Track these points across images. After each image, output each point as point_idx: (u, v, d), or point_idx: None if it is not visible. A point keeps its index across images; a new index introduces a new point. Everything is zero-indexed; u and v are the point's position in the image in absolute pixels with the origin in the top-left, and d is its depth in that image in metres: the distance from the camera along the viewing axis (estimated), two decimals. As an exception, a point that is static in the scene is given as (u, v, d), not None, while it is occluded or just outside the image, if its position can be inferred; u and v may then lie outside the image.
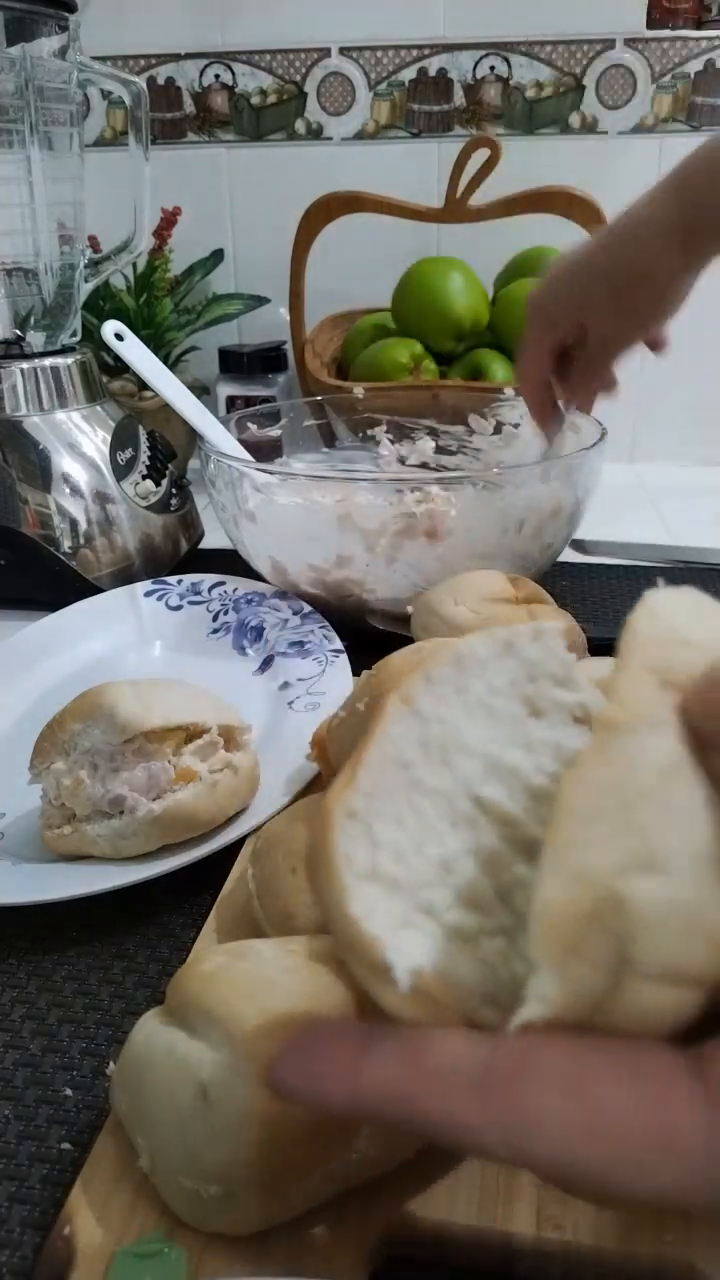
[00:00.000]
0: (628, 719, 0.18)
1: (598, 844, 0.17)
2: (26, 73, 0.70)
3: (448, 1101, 0.19)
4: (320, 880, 0.20)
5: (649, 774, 0.18)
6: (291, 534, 0.66)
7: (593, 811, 0.18)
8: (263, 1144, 0.28)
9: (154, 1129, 0.30)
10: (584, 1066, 0.18)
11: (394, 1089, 0.19)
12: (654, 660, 0.19)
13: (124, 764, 0.45)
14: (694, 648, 0.19)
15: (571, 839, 0.18)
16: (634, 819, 0.17)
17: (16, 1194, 0.32)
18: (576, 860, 0.17)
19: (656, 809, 0.18)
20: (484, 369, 0.95)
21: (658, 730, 0.18)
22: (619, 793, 0.18)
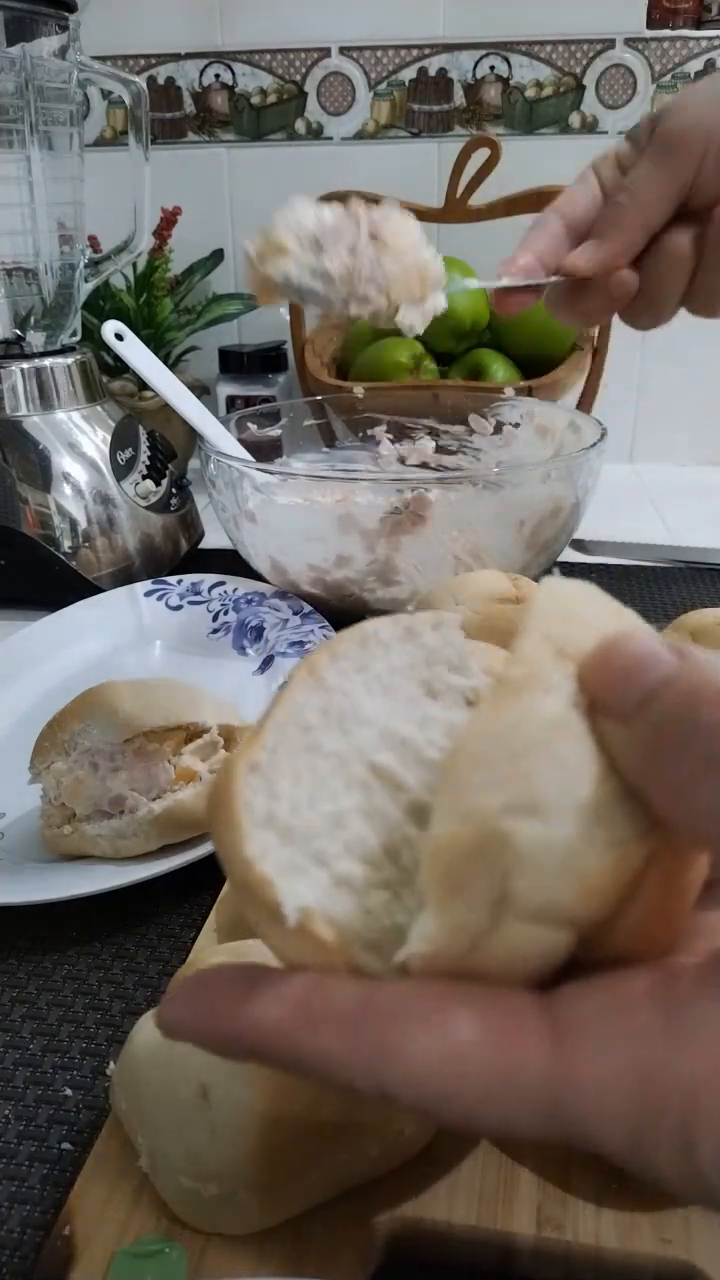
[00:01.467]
0: (524, 676, 0.19)
1: (486, 786, 0.19)
2: (26, 72, 0.70)
3: (321, 1040, 0.19)
4: (219, 825, 0.21)
5: (539, 727, 0.19)
6: (291, 534, 0.66)
7: (483, 757, 0.19)
8: (263, 1144, 0.28)
9: (154, 1129, 0.30)
10: (446, 1003, 0.19)
11: (275, 1029, 0.20)
12: (552, 632, 0.20)
13: (124, 764, 0.45)
14: (588, 627, 0.21)
15: (463, 782, 0.19)
16: (521, 766, 0.19)
17: (16, 1194, 0.32)
18: (466, 801, 0.19)
19: (543, 759, 0.19)
20: (484, 369, 0.95)
21: (551, 691, 0.19)
22: (509, 742, 0.19)
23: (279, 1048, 0.20)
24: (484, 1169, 0.31)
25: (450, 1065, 0.19)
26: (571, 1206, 0.30)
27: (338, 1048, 0.19)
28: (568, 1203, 0.30)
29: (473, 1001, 0.19)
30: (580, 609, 0.21)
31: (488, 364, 0.95)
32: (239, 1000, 0.20)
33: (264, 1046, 0.20)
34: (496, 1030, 0.19)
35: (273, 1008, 0.20)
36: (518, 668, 0.20)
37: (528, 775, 0.19)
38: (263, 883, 0.20)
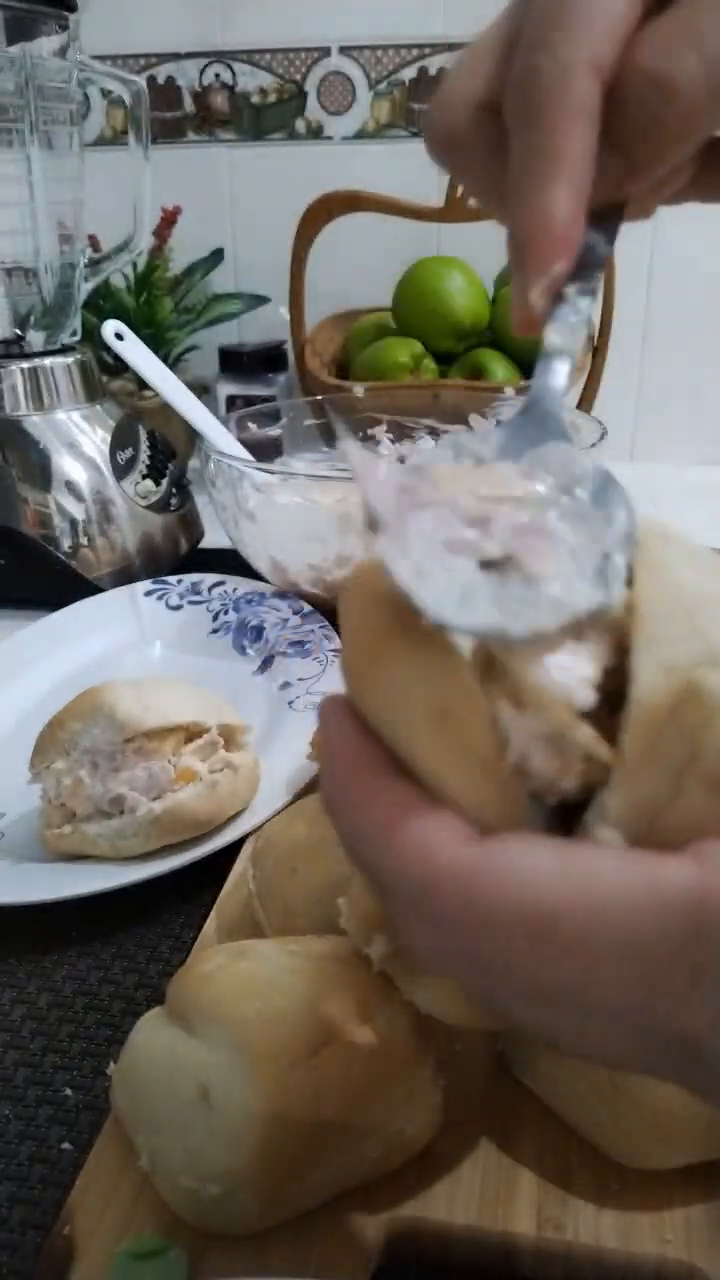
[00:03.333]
0: (666, 560, 0.21)
1: (674, 640, 0.19)
2: (26, 72, 0.70)
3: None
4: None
5: (699, 592, 0.20)
6: (291, 534, 0.66)
7: (667, 612, 0.20)
8: (263, 1144, 0.28)
9: (154, 1129, 0.30)
10: (579, 850, 0.19)
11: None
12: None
13: (124, 764, 0.45)
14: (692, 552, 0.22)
15: (653, 634, 0.19)
16: (697, 621, 0.20)
17: (16, 1194, 0.32)
18: (662, 653, 0.19)
19: (713, 616, 0.20)
20: (484, 369, 0.95)
21: (686, 571, 0.21)
22: (680, 598, 0.20)
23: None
24: (484, 1169, 0.31)
25: (588, 890, 0.18)
26: (571, 1206, 0.30)
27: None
28: (568, 1203, 0.30)
29: (609, 848, 0.19)
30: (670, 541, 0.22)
31: (488, 364, 0.95)
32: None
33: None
34: (636, 859, 0.18)
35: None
36: (649, 550, 0.21)
37: (703, 631, 0.19)
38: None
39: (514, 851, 0.18)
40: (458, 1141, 0.32)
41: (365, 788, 0.20)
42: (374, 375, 0.94)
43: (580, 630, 0.20)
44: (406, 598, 0.19)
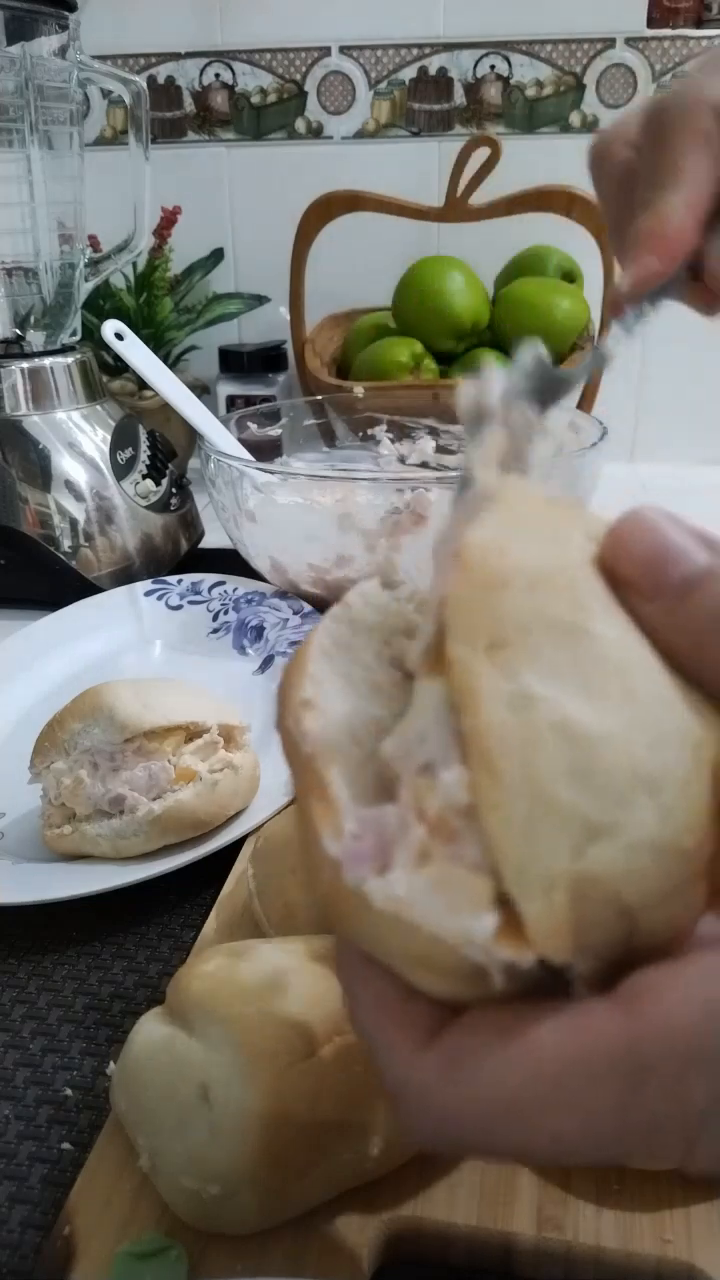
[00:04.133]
0: (489, 722, 0.19)
1: (541, 850, 0.18)
2: (26, 72, 0.70)
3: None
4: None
5: (541, 752, 0.18)
6: (291, 534, 0.66)
7: (518, 828, 0.18)
8: (263, 1144, 0.28)
9: (154, 1129, 0.30)
10: (520, 1021, 0.19)
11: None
12: (480, 624, 0.20)
13: (124, 764, 0.45)
14: (503, 585, 0.20)
15: (518, 861, 0.18)
16: (554, 805, 0.18)
17: (16, 1194, 0.32)
18: (535, 874, 0.18)
19: (564, 777, 0.18)
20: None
21: (517, 710, 0.19)
22: (530, 796, 0.18)
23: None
24: (484, 1169, 0.31)
25: (526, 1067, 0.19)
26: (572, 1206, 0.30)
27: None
28: (568, 1203, 0.30)
29: (541, 1012, 0.19)
30: (507, 559, 0.20)
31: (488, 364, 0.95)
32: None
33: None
34: (569, 1024, 0.19)
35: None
36: (472, 715, 0.19)
37: (565, 810, 0.18)
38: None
39: (464, 1053, 0.20)
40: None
41: (351, 977, 0.22)
42: (374, 375, 0.94)
43: (446, 829, 0.19)
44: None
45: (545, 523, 0.22)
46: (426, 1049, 0.20)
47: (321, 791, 0.21)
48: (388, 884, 0.19)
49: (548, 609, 0.20)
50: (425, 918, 0.18)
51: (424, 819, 0.19)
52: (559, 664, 0.19)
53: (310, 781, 0.21)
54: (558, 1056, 0.19)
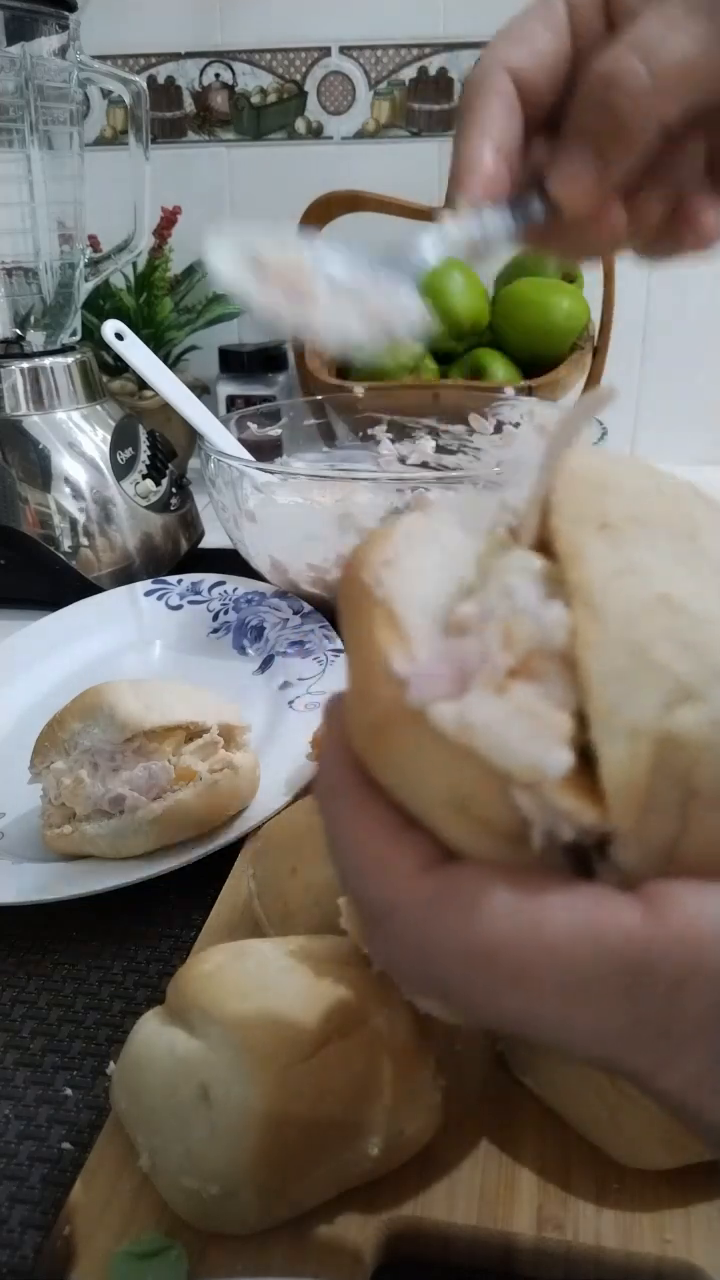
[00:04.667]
0: (594, 577, 0.19)
1: (630, 697, 0.18)
2: (26, 72, 0.70)
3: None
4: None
5: (643, 611, 0.19)
6: (291, 534, 0.66)
7: (610, 670, 0.18)
8: (263, 1144, 0.28)
9: (154, 1129, 0.30)
10: (535, 881, 0.19)
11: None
12: (586, 511, 0.20)
13: (124, 763, 0.45)
14: (625, 491, 0.21)
15: (606, 703, 0.18)
16: (650, 658, 0.18)
17: (16, 1194, 0.32)
18: (621, 719, 0.18)
19: (665, 643, 0.18)
20: (484, 369, 0.95)
21: (623, 575, 0.19)
22: (625, 643, 0.18)
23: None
24: (484, 1169, 0.31)
25: (531, 922, 0.18)
26: (572, 1206, 0.30)
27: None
28: (568, 1203, 0.30)
29: (558, 880, 0.19)
30: (613, 477, 0.21)
31: (488, 364, 0.95)
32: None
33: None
34: (586, 901, 0.19)
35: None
36: (578, 569, 0.19)
37: (662, 667, 0.18)
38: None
39: (468, 884, 0.19)
40: (458, 1141, 0.32)
41: (347, 803, 0.21)
42: (374, 375, 0.94)
43: (534, 670, 0.19)
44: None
45: (638, 466, 0.23)
46: (426, 872, 0.19)
47: (391, 621, 0.20)
48: (464, 707, 0.18)
49: (657, 511, 0.20)
50: (495, 745, 0.18)
51: (512, 650, 0.19)
52: (665, 553, 0.20)
53: (379, 614, 0.20)
54: (566, 926, 0.18)
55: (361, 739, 0.21)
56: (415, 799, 0.20)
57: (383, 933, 0.20)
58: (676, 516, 0.20)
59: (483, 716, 0.18)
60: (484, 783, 0.18)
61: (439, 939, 0.19)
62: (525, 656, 0.19)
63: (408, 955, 0.20)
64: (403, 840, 0.20)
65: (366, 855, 0.20)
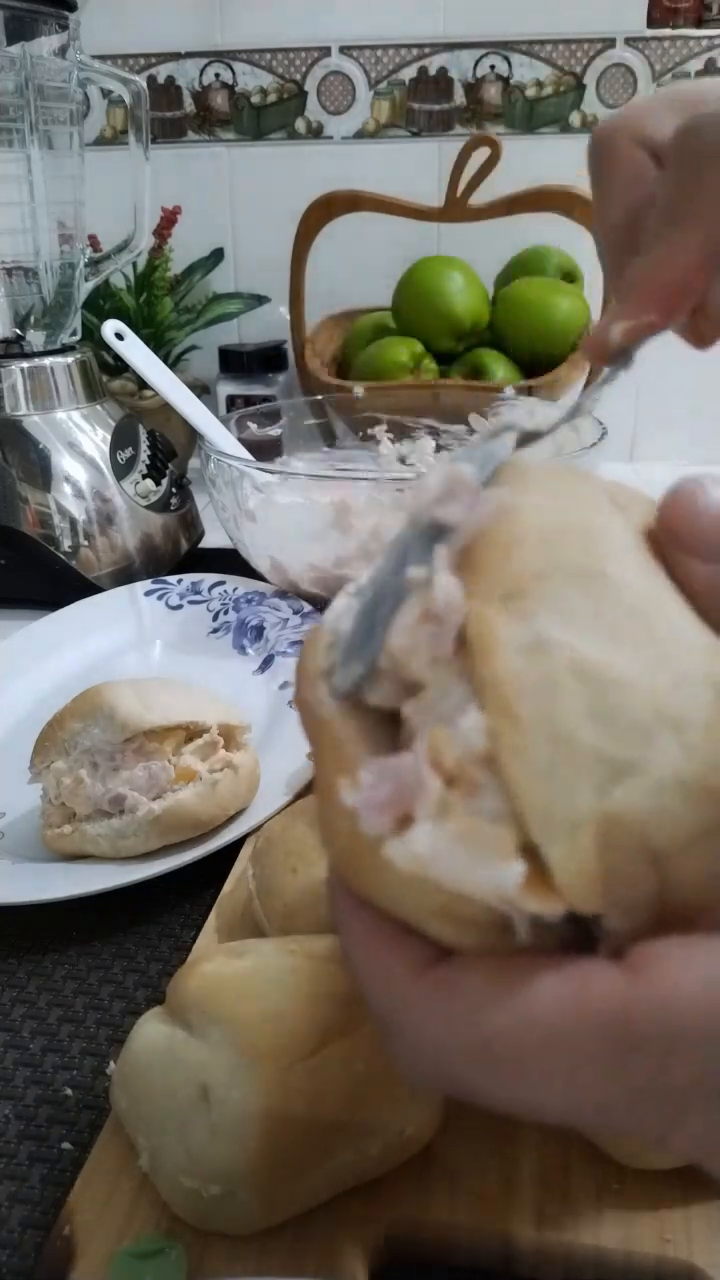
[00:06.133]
0: (504, 669, 0.18)
1: (564, 793, 0.18)
2: (26, 71, 0.70)
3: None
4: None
5: (557, 693, 0.18)
6: (291, 534, 0.66)
7: (540, 770, 0.18)
8: (263, 1144, 0.28)
9: (154, 1129, 0.30)
10: (520, 967, 0.19)
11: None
12: (496, 580, 0.20)
13: (124, 763, 0.45)
14: (520, 542, 0.20)
15: (542, 804, 0.18)
16: (575, 748, 0.18)
17: (16, 1194, 0.32)
18: (559, 818, 0.18)
19: (582, 719, 0.18)
20: (484, 369, 0.95)
21: (531, 653, 0.18)
22: (549, 739, 0.18)
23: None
24: (484, 1169, 0.31)
25: (519, 1010, 0.19)
26: (572, 1206, 0.30)
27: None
28: (568, 1203, 0.30)
29: (543, 962, 0.19)
30: (523, 518, 0.20)
31: (488, 364, 0.95)
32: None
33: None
34: (570, 976, 0.19)
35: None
36: (488, 663, 0.19)
37: (585, 752, 0.18)
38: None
39: (460, 982, 0.20)
40: (458, 1141, 0.32)
41: (347, 911, 0.22)
42: (374, 375, 0.94)
43: (469, 781, 0.19)
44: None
45: (561, 485, 0.22)
46: (422, 976, 0.20)
47: (336, 749, 0.20)
48: (408, 842, 0.18)
49: (562, 557, 0.19)
50: (449, 874, 0.18)
51: (441, 768, 0.19)
52: (575, 608, 0.19)
53: (326, 743, 0.21)
54: (552, 1009, 0.19)
55: (336, 866, 0.21)
56: (399, 911, 0.20)
57: (393, 1038, 0.21)
58: (580, 549, 0.20)
59: (429, 849, 0.18)
60: (454, 897, 0.19)
61: (442, 1039, 0.20)
62: (456, 767, 0.19)
63: (419, 1057, 0.20)
64: (398, 945, 0.21)
65: (367, 962, 0.21)
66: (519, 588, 0.19)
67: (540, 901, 0.18)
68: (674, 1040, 0.18)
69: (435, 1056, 0.20)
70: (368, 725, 0.21)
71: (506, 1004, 0.19)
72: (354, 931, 0.21)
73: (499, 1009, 0.19)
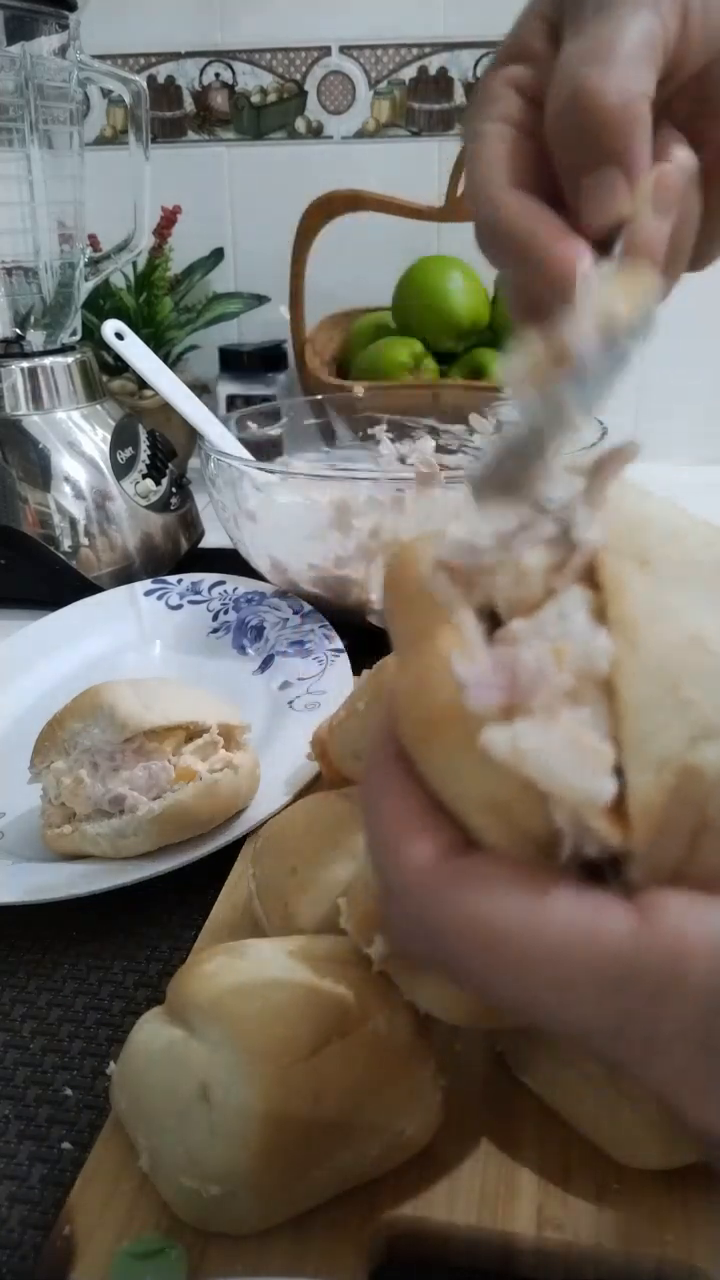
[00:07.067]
0: (632, 611, 0.20)
1: (661, 729, 0.19)
2: (26, 71, 0.70)
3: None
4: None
5: (677, 651, 0.20)
6: (291, 533, 0.66)
7: (646, 700, 0.19)
8: (263, 1144, 0.28)
9: (154, 1129, 0.30)
10: (545, 879, 0.20)
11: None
12: (627, 546, 0.21)
13: (124, 763, 0.45)
14: (660, 527, 0.22)
15: (640, 733, 0.19)
16: (682, 695, 0.19)
17: (16, 1194, 0.32)
18: (651, 749, 0.19)
19: (696, 681, 0.19)
20: (484, 368, 0.95)
21: (661, 613, 0.20)
22: (660, 676, 0.20)
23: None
24: (484, 1169, 0.31)
25: (533, 919, 0.19)
26: (572, 1206, 0.30)
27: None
28: (568, 1203, 0.30)
29: (565, 881, 0.20)
30: (649, 515, 0.22)
31: (488, 363, 0.95)
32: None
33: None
34: (588, 904, 0.20)
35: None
36: (620, 604, 0.20)
37: (690, 703, 0.19)
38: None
39: (481, 872, 0.20)
40: (458, 1141, 0.32)
41: (385, 775, 0.22)
42: (374, 375, 0.94)
43: (579, 694, 0.20)
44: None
45: (671, 507, 0.23)
46: (443, 858, 0.21)
47: (454, 627, 0.21)
48: (516, 733, 0.19)
49: (686, 547, 0.21)
50: (545, 772, 0.19)
51: (562, 671, 0.20)
52: (697, 594, 0.21)
53: (438, 617, 0.21)
54: (563, 926, 0.19)
55: (411, 729, 0.22)
56: (452, 793, 0.21)
57: (396, 906, 0.21)
58: (708, 559, 0.22)
59: (534, 744, 0.19)
60: (524, 795, 0.20)
61: (447, 920, 0.20)
62: (574, 678, 0.20)
63: (416, 930, 0.21)
64: (428, 823, 0.21)
65: (392, 832, 0.21)
66: (652, 562, 0.21)
67: (608, 826, 0.19)
68: (670, 983, 0.19)
69: (437, 936, 0.21)
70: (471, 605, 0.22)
71: (521, 907, 0.20)
72: (386, 797, 0.22)
73: (513, 909, 0.20)
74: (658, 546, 0.21)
